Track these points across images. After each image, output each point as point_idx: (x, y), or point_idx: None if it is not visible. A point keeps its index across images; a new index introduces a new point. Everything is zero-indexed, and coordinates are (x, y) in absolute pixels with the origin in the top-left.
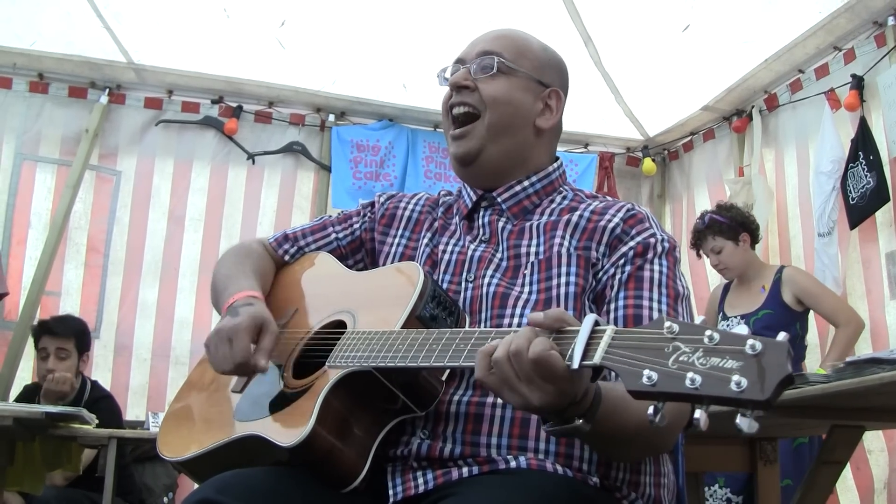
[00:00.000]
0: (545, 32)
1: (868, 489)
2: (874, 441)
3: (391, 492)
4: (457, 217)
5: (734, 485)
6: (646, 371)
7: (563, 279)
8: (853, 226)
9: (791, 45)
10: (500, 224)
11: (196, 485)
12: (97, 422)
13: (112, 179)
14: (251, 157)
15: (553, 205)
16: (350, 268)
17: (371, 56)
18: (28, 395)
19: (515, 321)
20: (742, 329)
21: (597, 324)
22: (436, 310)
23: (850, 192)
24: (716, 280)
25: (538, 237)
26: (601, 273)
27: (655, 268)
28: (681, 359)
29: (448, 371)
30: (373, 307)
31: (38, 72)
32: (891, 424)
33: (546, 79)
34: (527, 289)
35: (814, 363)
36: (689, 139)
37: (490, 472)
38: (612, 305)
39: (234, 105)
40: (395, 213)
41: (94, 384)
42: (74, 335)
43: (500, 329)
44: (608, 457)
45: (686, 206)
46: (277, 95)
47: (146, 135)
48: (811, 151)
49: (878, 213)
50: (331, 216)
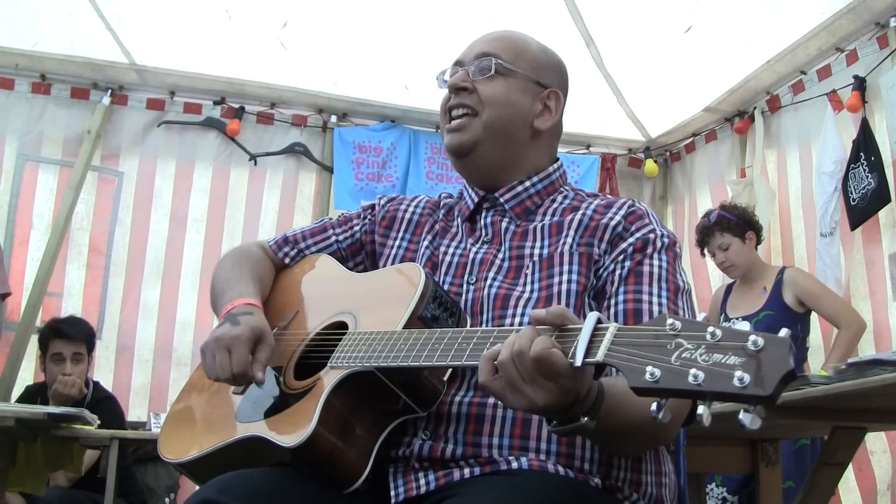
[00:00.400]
0: (547, 34)
1: (870, 490)
2: (876, 442)
3: (393, 492)
4: (458, 219)
5: (730, 484)
6: (648, 368)
7: (565, 277)
8: (854, 226)
9: (793, 47)
10: (504, 224)
11: (197, 486)
12: (99, 423)
13: (114, 180)
14: (253, 158)
15: (555, 205)
16: (350, 270)
17: (373, 57)
18: (30, 396)
19: (517, 321)
20: (744, 327)
21: (599, 321)
22: (437, 310)
23: (851, 193)
24: (718, 280)
25: (543, 239)
26: (602, 270)
27: (655, 262)
28: (683, 355)
29: (450, 371)
30: (374, 308)
31: (41, 73)
32: (893, 425)
33: (545, 80)
34: (528, 288)
35: (817, 364)
36: (691, 140)
37: (492, 473)
38: (613, 301)
39: (236, 106)
40: (396, 216)
41: (97, 385)
42: (86, 339)
43: (503, 328)
44: (610, 450)
45: (688, 207)
46: (279, 96)
47: (148, 136)
48: (813, 152)
49: (882, 215)
50: (331, 218)
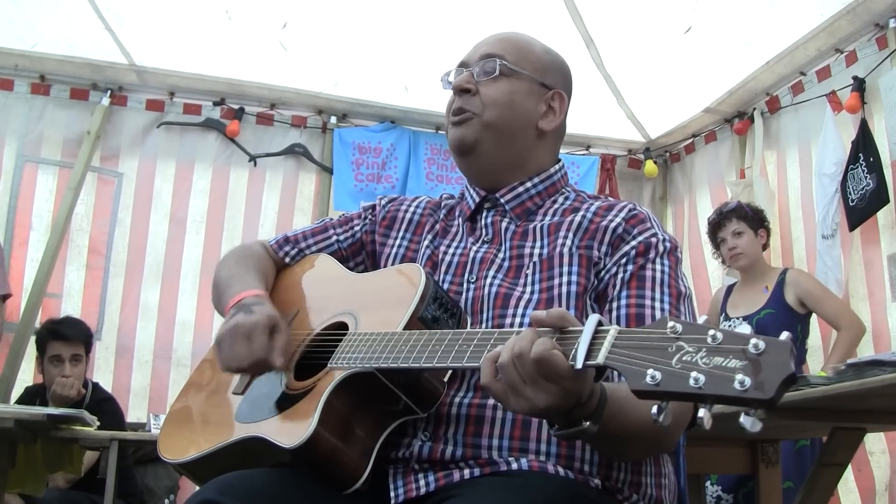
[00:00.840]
0: (547, 34)
1: (870, 491)
2: (875, 443)
3: (392, 493)
4: (459, 219)
5: (725, 483)
6: (649, 371)
7: (565, 279)
8: (852, 227)
9: (792, 48)
10: (504, 224)
11: (197, 487)
12: (99, 424)
13: (114, 181)
14: (253, 159)
15: (556, 206)
16: (351, 270)
17: (373, 58)
18: (29, 397)
19: (517, 321)
20: (745, 329)
21: (600, 324)
22: (438, 311)
23: (850, 194)
24: (718, 281)
25: (542, 238)
26: (603, 272)
27: (657, 267)
28: (684, 358)
29: (450, 372)
30: (374, 309)
31: (40, 73)
32: (892, 426)
33: (549, 81)
34: (528, 289)
35: (816, 366)
36: (691, 141)
37: (491, 474)
38: (615, 304)
39: (236, 107)
40: (397, 216)
41: (96, 386)
42: (84, 340)
43: (503, 330)
44: (611, 457)
45: (688, 208)
46: (279, 97)
47: (148, 137)
48: (813, 153)
49: (880, 216)
50: (332, 219)
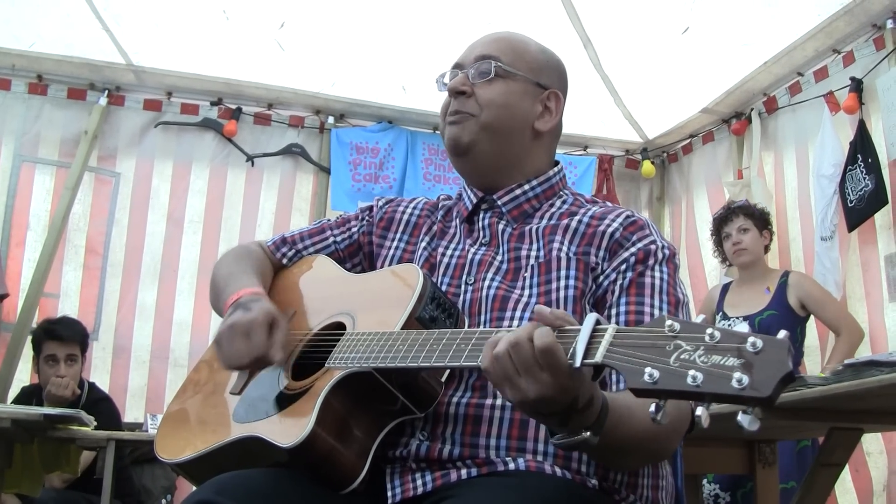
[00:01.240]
0: (544, 34)
1: (867, 492)
2: (873, 443)
3: (390, 493)
4: (456, 220)
5: (722, 481)
6: (647, 369)
7: (563, 282)
8: (851, 228)
9: (790, 48)
10: (501, 227)
11: (194, 487)
12: (95, 424)
13: (111, 181)
14: (250, 159)
15: (553, 209)
16: (348, 271)
17: (370, 58)
18: (26, 397)
19: (515, 323)
20: (743, 328)
21: (598, 323)
22: (435, 311)
23: (849, 195)
24: (715, 281)
25: (537, 241)
26: (602, 277)
27: (657, 274)
28: (682, 357)
29: (447, 372)
30: (372, 309)
31: (38, 73)
32: (889, 427)
33: (545, 80)
34: (527, 291)
35: (812, 367)
36: (689, 142)
37: (489, 474)
38: (614, 311)
39: (234, 107)
40: (394, 217)
41: (93, 386)
42: (80, 340)
43: (501, 330)
44: (609, 465)
45: (685, 209)
46: (277, 97)
47: (145, 136)
48: (810, 154)
49: (878, 216)
50: (329, 220)
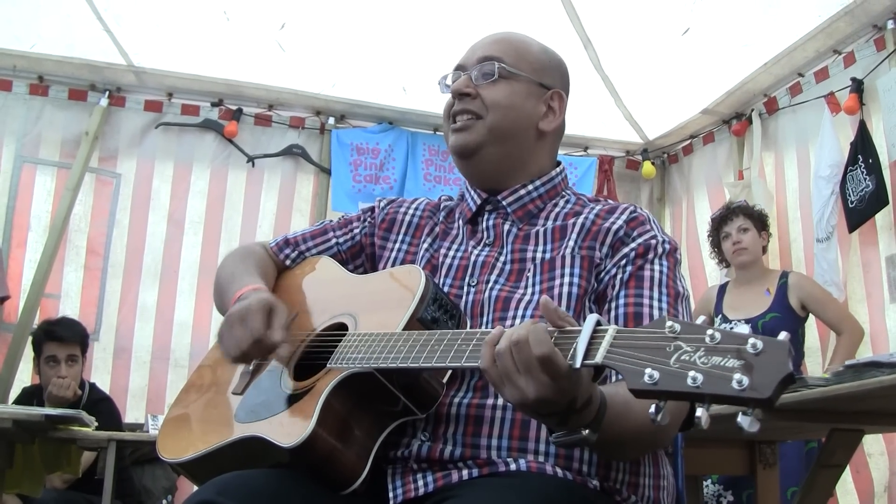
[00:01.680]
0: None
1: (868, 493)
2: (874, 444)
3: (391, 494)
4: (459, 221)
5: (726, 482)
6: (647, 370)
7: (566, 280)
8: (852, 229)
9: (791, 49)
10: (506, 227)
11: (195, 487)
12: (96, 424)
13: (112, 182)
14: (251, 160)
15: (557, 209)
16: (351, 272)
17: (371, 59)
18: (27, 398)
19: (517, 323)
20: (743, 329)
21: (598, 324)
22: (437, 312)
23: (850, 196)
24: (715, 282)
25: (546, 243)
26: (603, 273)
27: (656, 268)
28: (682, 358)
29: (449, 373)
30: (374, 310)
31: (39, 74)
32: (890, 428)
33: (547, 81)
34: (529, 290)
35: (814, 368)
36: (689, 142)
37: (490, 475)
38: (613, 304)
39: (234, 108)
40: (396, 218)
41: (93, 386)
42: (80, 341)
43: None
44: (608, 458)
45: (686, 210)
46: (277, 98)
47: (146, 137)
48: (811, 155)
49: (878, 217)
50: (331, 221)
